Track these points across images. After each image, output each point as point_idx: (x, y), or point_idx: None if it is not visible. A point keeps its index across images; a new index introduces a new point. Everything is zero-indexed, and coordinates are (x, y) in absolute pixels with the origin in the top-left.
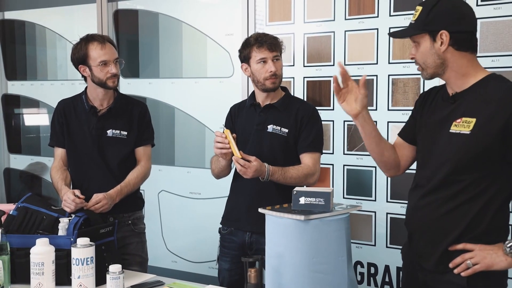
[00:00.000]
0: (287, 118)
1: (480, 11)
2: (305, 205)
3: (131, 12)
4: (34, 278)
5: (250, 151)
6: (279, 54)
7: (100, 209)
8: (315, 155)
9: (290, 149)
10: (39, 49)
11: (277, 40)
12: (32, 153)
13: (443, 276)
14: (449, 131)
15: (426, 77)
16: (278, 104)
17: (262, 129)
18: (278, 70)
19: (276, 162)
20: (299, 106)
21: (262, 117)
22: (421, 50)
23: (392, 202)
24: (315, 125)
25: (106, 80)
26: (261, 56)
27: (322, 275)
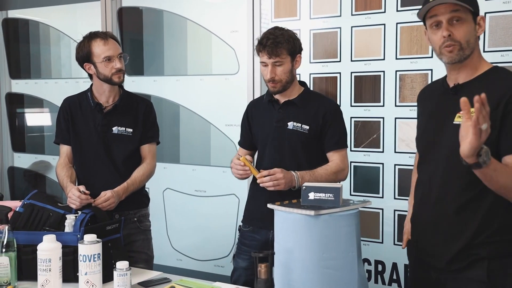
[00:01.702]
0: (307, 114)
1: (489, 5)
2: (314, 200)
3: (135, 9)
4: (41, 274)
5: (271, 149)
6: (283, 59)
7: (107, 207)
8: (343, 151)
9: (311, 146)
10: (43, 48)
11: (280, 45)
12: (36, 151)
13: (460, 274)
14: (453, 123)
15: (461, 58)
16: (297, 101)
17: (282, 126)
18: (278, 75)
19: (297, 159)
20: (320, 102)
21: (282, 113)
22: (466, 28)
23: (399, 199)
24: (339, 121)
25: (112, 75)
26: (262, 59)
27: (332, 271)
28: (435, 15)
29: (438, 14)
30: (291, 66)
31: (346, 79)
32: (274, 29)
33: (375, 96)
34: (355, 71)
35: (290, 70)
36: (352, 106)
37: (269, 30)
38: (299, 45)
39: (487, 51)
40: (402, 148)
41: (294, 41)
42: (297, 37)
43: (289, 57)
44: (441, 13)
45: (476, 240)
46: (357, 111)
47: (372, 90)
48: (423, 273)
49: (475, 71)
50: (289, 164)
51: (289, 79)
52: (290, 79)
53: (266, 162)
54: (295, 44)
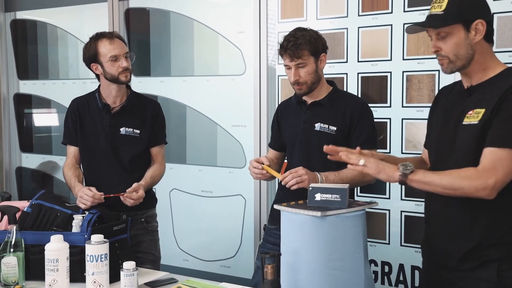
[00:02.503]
0: (335, 115)
1: (497, 5)
2: (321, 201)
3: (142, 10)
4: (48, 274)
5: (299, 150)
6: (305, 60)
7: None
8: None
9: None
10: (51, 49)
11: (301, 46)
12: (44, 152)
13: (471, 273)
14: (462, 123)
15: (453, 70)
16: (324, 101)
17: (309, 128)
18: (302, 77)
19: (325, 160)
20: (347, 102)
21: (309, 115)
22: (453, 41)
23: (406, 200)
24: (367, 120)
25: (119, 75)
26: (285, 63)
27: (338, 272)
28: (427, 31)
29: (428, 30)
30: (315, 66)
31: (353, 80)
32: (296, 30)
33: (382, 97)
34: (362, 72)
35: (315, 70)
36: None
37: (290, 32)
38: (323, 44)
39: (495, 51)
40: (409, 149)
41: (317, 41)
42: (321, 36)
43: (312, 57)
44: (429, 29)
45: (487, 241)
46: None
47: (379, 91)
48: (435, 271)
49: (487, 72)
50: (317, 165)
51: (315, 80)
52: (316, 79)
53: (295, 163)
54: (317, 44)
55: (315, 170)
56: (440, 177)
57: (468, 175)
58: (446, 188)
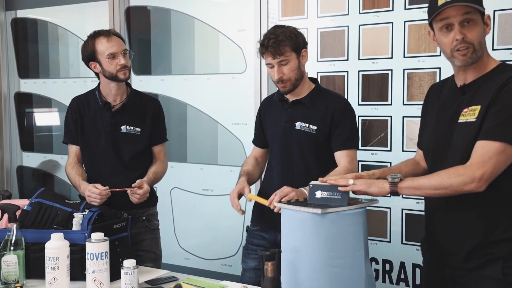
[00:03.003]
0: (315, 114)
1: (498, 3)
2: (321, 199)
3: (143, 9)
4: (49, 272)
5: (279, 149)
6: (288, 57)
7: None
8: (351, 152)
9: (320, 147)
10: (51, 47)
11: (282, 43)
12: (45, 151)
13: (475, 272)
14: (458, 121)
15: (474, 60)
16: (306, 100)
17: (290, 126)
18: (286, 74)
19: (306, 159)
20: (329, 101)
21: (290, 113)
22: (478, 29)
23: (407, 198)
24: (348, 120)
25: (117, 72)
26: (267, 61)
27: (339, 269)
28: (445, 18)
29: (449, 17)
30: (298, 62)
31: (354, 77)
32: (275, 28)
33: (383, 95)
34: (362, 70)
35: (298, 66)
36: (360, 105)
37: (269, 30)
38: (303, 40)
39: (496, 49)
40: (410, 147)
41: (297, 36)
42: (300, 32)
43: (294, 53)
44: (453, 15)
45: (489, 237)
46: (364, 109)
47: (380, 88)
48: (437, 270)
49: (483, 69)
50: (298, 164)
51: (298, 76)
52: (299, 76)
53: (275, 161)
54: (298, 39)
55: (296, 169)
56: (428, 179)
57: (456, 171)
58: (436, 188)
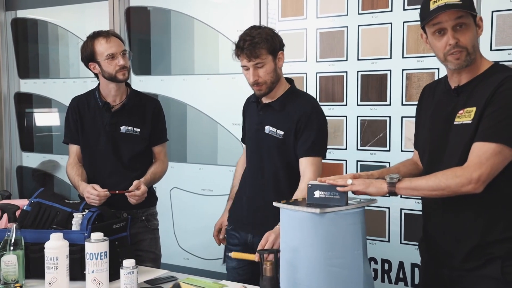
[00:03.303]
0: (284, 119)
1: (496, 3)
2: (320, 198)
3: (142, 9)
4: (48, 272)
5: (251, 151)
6: (263, 60)
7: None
8: (315, 160)
9: (287, 152)
10: (51, 47)
11: (258, 45)
12: (45, 151)
13: (474, 272)
14: (454, 123)
15: (469, 63)
16: (275, 104)
17: (260, 129)
18: (262, 77)
19: (275, 164)
20: (297, 107)
21: (261, 116)
22: (470, 32)
23: (406, 198)
24: (314, 127)
25: (116, 73)
26: (242, 63)
27: (337, 269)
28: (438, 23)
29: (442, 22)
30: (273, 65)
31: (353, 78)
32: (250, 29)
33: (382, 95)
34: (361, 70)
35: (274, 69)
36: (359, 105)
37: (245, 31)
38: (280, 42)
39: (494, 49)
40: (408, 147)
41: (273, 38)
42: (277, 34)
43: (270, 56)
44: (445, 20)
45: (488, 238)
46: (363, 110)
47: (379, 89)
48: (436, 270)
49: (477, 71)
50: (267, 168)
51: (274, 79)
52: (275, 79)
53: (248, 164)
54: (274, 41)
55: (265, 172)
56: (426, 180)
57: (453, 173)
58: (433, 189)
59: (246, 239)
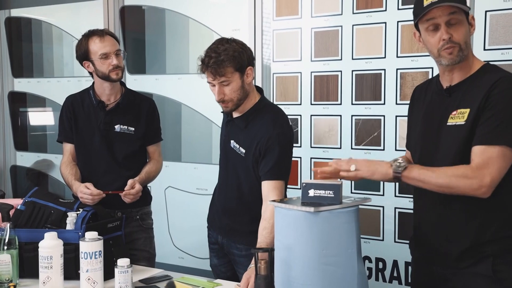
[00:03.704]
0: (246, 137)
1: (490, 3)
2: (314, 197)
3: (137, 8)
4: (42, 272)
5: (222, 159)
6: (229, 78)
7: (136, 197)
8: (277, 184)
9: (248, 170)
10: (46, 46)
11: (223, 63)
12: (39, 150)
13: (466, 269)
14: (446, 124)
15: (461, 59)
16: (239, 121)
17: (227, 142)
18: (227, 95)
19: (238, 179)
20: (260, 127)
21: (228, 129)
22: (464, 29)
23: (400, 197)
24: (275, 152)
25: (109, 72)
26: (208, 80)
27: (332, 267)
28: (431, 18)
29: (435, 17)
30: (240, 82)
31: (347, 77)
32: (218, 44)
33: (376, 94)
34: (356, 70)
35: (240, 86)
36: (353, 104)
37: (211, 46)
38: (248, 57)
39: (487, 49)
40: (403, 146)
41: (241, 55)
42: (246, 48)
43: (237, 73)
44: (438, 15)
45: (482, 238)
46: (358, 109)
47: (373, 88)
48: (427, 268)
49: (469, 71)
50: (231, 179)
51: (241, 96)
52: (242, 96)
53: (220, 169)
54: (242, 58)
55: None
56: (436, 175)
57: (464, 174)
58: (441, 186)
59: (218, 239)
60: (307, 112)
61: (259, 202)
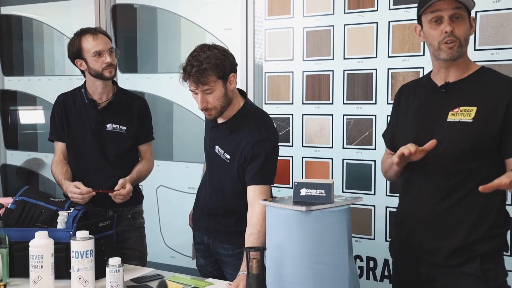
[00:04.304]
0: (231, 143)
1: (480, 4)
2: (306, 196)
3: (129, 7)
4: (33, 271)
5: (207, 162)
6: (212, 86)
7: (126, 197)
8: (263, 189)
9: (233, 176)
10: (36, 45)
11: (205, 72)
12: (29, 149)
13: (455, 269)
14: (447, 120)
15: (460, 55)
16: (223, 127)
17: (212, 147)
18: (211, 103)
19: (222, 183)
20: (244, 133)
21: (212, 134)
22: (465, 25)
23: (391, 196)
24: (262, 155)
25: (103, 70)
26: (191, 88)
27: (323, 266)
28: (436, 10)
29: (440, 10)
30: (224, 90)
31: (339, 77)
32: (200, 51)
33: (367, 94)
34: (347, 69)
35: (224, 94)
36: (345, 104)
37: (193, 53)
38: (231, 64)
39: (477, 49)
40: None
41: (223, 62)
42: (228, 55)
43: (219, 81)
44: (444, 8)
45: (473, 236)
46: (349, 108)
47: (365, 88)
48: (412, 269)
49: (465, 70)
50: (215, 182)
51: (225, 104)
52: (226, 103)
53: (206, 171)
54: (224, 66)
55: (213, 189)
56: None
57: None
58: None
59: (203, 239)
60: (299, 111)
61: (244, 205)
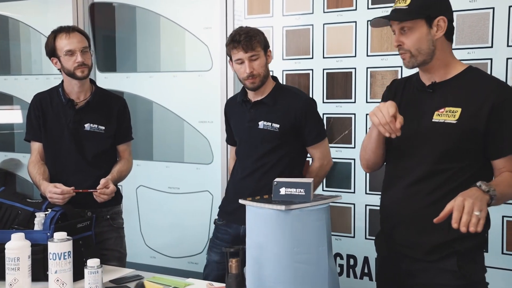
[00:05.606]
0: (278, 113)
1: (456, 3)
2: (285, 195)
3: (107, 5)
4: (9, 273)
5: (245, 148)
6: (258, 52)
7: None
8: (323, 143)
9: (285, 143)
10: (13, 43)
11: (254, 38)
12: (6, 149)
13: (433, 264)
14: (432, 120)
15: (414, 64)
16: (267, 100)
17: (253, 126)
18: (256, 69)
19: (274, 156)
20: (290, 101)
21: (253, 113)
22: (415, 36)
23: (371, 194)
24: (313, 117)
25: (74, 70)
26: (237, 57)
27: (303, 265)
28: (391, 25)
29: (392, 24)
30: (265, 60)
31: (318, 76)
32: (240, 28)
33: (347, 93)
34: (327, 68)
35: (265, 63)
36: (324, 103)
37: (236, 29)
38: (266, 40)
39: (454, 48)
40: None
41: (264, 35)
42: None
43: (262, 51)
44: (393, 23)
45: (453, 234)
46: (329, 107)
47: (344, 86)
48: (393, 265)
49: (449, 70)
50: (267, 160)
51: (266, 73)
52: (266, 73)
53: (241, 160)
54: (265, 38)
55: (259, 166)
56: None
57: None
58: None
59: (239, 232)
60: None
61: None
